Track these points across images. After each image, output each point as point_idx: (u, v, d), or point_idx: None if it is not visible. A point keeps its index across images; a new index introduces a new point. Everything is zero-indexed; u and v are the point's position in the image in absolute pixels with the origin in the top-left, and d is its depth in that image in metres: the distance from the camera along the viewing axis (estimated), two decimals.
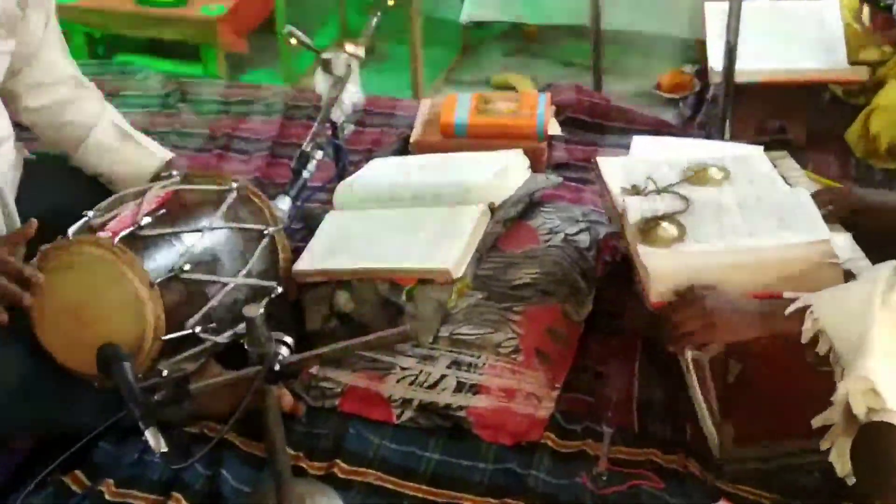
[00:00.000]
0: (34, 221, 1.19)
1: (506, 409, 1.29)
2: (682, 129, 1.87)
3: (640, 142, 1.56)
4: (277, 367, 1.00)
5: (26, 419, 1.20)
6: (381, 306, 1.34)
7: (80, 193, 1.37)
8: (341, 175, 1.65)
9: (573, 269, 1.44)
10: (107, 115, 1.44)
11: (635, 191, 1.35)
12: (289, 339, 1.03)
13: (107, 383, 1.02)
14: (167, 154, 1.46)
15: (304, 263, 1.40)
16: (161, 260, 1.23)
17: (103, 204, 1.31)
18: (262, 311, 1.00)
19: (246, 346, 1.02)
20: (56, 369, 1.19)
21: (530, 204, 1.54)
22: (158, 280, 1.20)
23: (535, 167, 1.59)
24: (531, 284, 1.39)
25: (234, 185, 1.36)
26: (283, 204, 1.50)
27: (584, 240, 1.51)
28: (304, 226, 1.56)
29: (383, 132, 1.91)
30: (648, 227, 1.23)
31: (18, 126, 1.41)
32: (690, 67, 2.14)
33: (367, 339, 1.04)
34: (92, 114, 1.42)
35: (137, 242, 1.23)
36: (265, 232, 1.36)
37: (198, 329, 1.24)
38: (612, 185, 1.38)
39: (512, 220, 1.49)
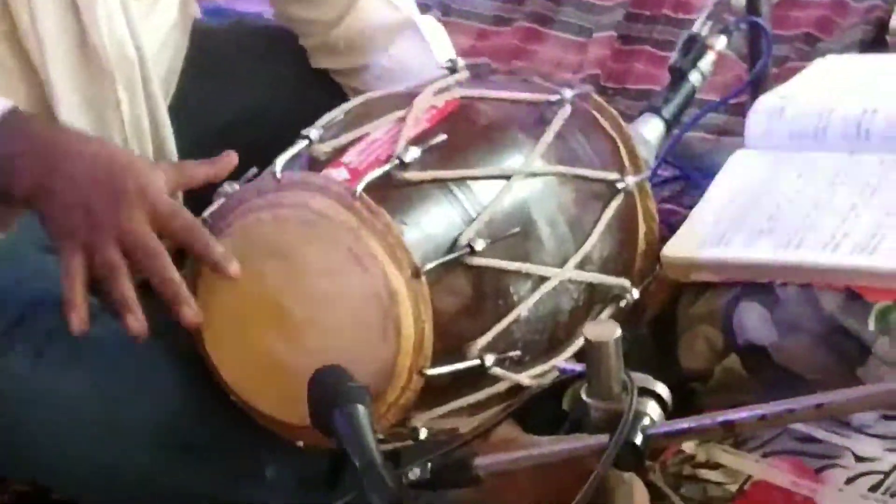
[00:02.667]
0: (232, 156, 1.14)
1: None
2: None
3: None
4: (639, 440, 0.94)
5: (175, 491, 1.20)
6: (825, 337, 1.26)
7: (289, 94, 1.39)
8: (759, 83, 1.58)
9: None
10: None
11: None
12: (662, 389, 0.97)
13: (320, 441, 1.00)
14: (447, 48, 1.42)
15: (684, 246, 1.33)
16: (434, 228, 1.14)
17: (334, 117, 1.21)
18: (618, 332, 0.94)
19: (583, 396, 0.97)
20: (231, 412, 1.16)
21: None
22: (428, 266, 1.10)
23: None
24: None
25: (567, 92, 1.27)
26: (651, 131, 1.44)
27: None
28: (684, 175, 1.55)
29: (837, 4, 1.86)
30: None
31: None
32: None
33: (805, 402, 0.93)
34: None
35: (394, 194, 1.13)
36: (619, 185, 1.25)
37: (489, 359, 1.14)
38: None
39: None
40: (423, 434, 1.12)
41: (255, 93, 1.39)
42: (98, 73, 1.23)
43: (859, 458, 1.23)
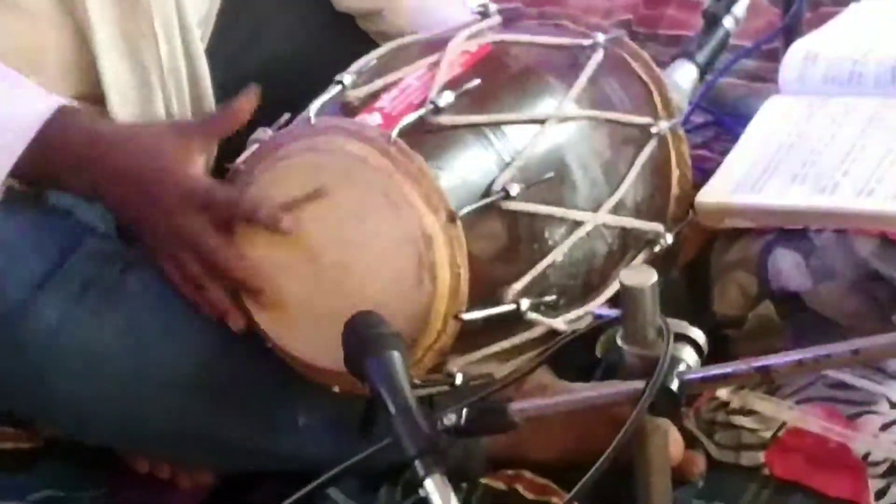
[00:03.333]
0: (251, 94, 1.14)
1: None
2: None
3: None
4: (675, 386, 0.94)
5: (206, 439, 1.20)
6: (859, 283, 1.27)
7: (323, 39, 1.38)
8: (793, 29, 1.58)
9: None
10: None
11: None
12: (698, 335, 0.98)
13: (354, 387, 1.01)
14: None
15: (718, 192, 1.33)
16: (468, 173, 1.13)
17: (367, 62, 1.21)
18: (654, 278, 0.94)
19: (619, 342, 0.97)
20: (263, 358, 1.15)
21: None
22: (464, 211, 1.09)
23: None
24: None
25: (600, 37, 1.26)
26: (684, 77, 1.42)
27: None
28: (718, 121, 1.56)
29: None
30: None
31: None
32: None
33: (842, 347, 0.94)
34: None
35: (428, 139, 1.13)
36: (652, 129, 1.25)
37: (525, 304, 1.13)
38: None
39: None
40: (458, 379, 1.12)
41: (290, 37, 1.38)
42: (134, 5, 1.23)
43: (894, 405, 1.26)
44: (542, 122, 1.19)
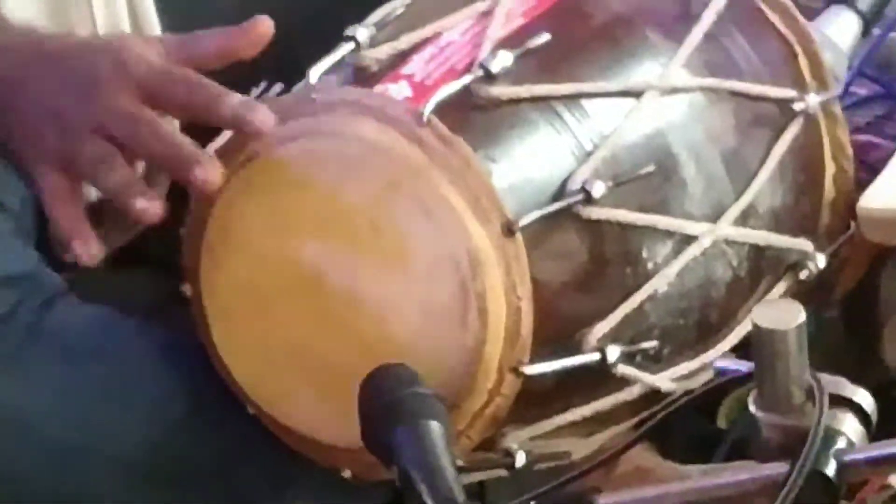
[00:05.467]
0: (264, 23, 1.14)
1: None
2: None
3: None
4: (831, 470, 0.93)
5: None
6: None
7: None
8: None
9: None
10: None
11: None
12: (863, 397, 0.98)
13: (374, 471, 1.05)
14: None
15: (890, 197, 1.31)
16: (533, 166, 1.14)
17: (391, 11, 1.21)
18: (801, 316, 0.93)
19: (751, 407, 0.96)
20: (245, 429, 1.17)
21: None
22: (527, 220, 1.09)
23: None
24: None
25: None
26: (841, 31, 1.43)
27: None
28: (889, 94, 1.60)
29: None
30: None
31: None
32: None
33: None
34: None
35: (477, 118, 1.13)
36: (796, 106, 1.23)
37: (613, 352, 1.13)
38: None
39: None
40: (520, 459, 1.12)
41: None
42: None
43: None
44: (638, 94, 1.17)
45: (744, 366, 1.05)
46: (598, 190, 1.09)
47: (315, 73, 1.11)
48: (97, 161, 1.10)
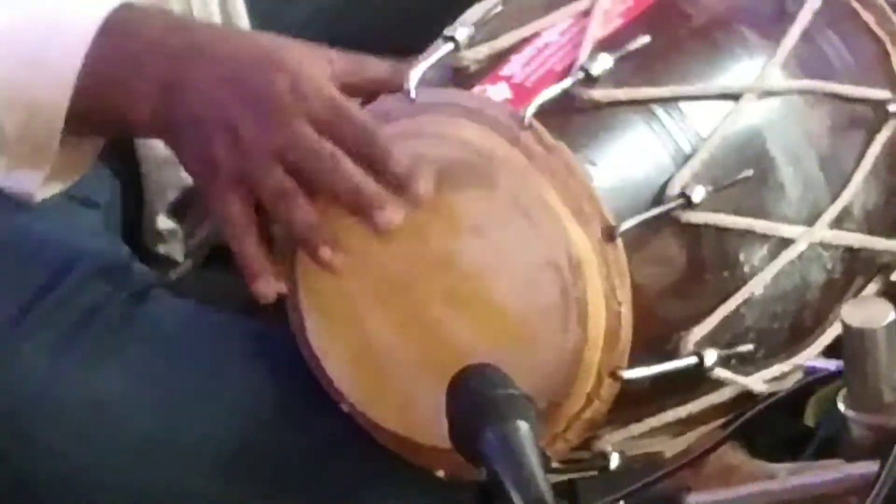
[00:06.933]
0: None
1: None
2: None
3: None
4: None
5: None
6: None
7: None
8: None
9: None
10: None
11: None
12: None
13: (464, 471, 1.03)
14: None
15: None
16: (633, 169, 1.15)
17: (488, 11, 1.20)
18: (892, 315, 0.95)
19: (840, 406, 0.97)
20: (337, 428, 1.17)
21: None
22: (627, 224, 1.09)
23: None
24: None
25: None
26: None
27: None
28: None
29: None
30: None
31: None
32: None
33: None
34: None
35: (577, 121, 1.13)
36: (891, 107, 1.23)
37: (711, 356, 1.13)
38: None
39: None
40: (614, 461, 1.12)
41: None
42: None
43: None
44: (736, 97, 1.17)
45: (832, 364, 1.08)
46: (697, 195, 1.09)
47: (415, 74, 1.12)
48: (280, 194, 1.09)
